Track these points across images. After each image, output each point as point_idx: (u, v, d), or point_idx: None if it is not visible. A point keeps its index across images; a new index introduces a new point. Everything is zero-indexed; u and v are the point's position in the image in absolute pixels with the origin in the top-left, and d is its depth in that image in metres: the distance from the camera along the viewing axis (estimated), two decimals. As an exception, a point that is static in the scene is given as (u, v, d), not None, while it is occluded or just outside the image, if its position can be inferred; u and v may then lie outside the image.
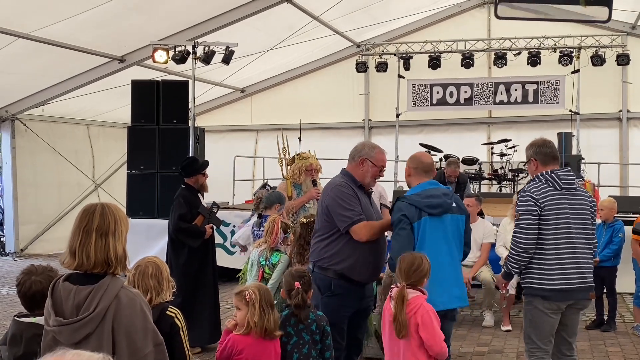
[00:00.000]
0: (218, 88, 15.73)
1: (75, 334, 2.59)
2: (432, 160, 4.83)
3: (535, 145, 4.70)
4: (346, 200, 4.61)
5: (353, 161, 4.84)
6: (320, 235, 4.77)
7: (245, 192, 14.28)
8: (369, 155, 4.79)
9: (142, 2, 10.11)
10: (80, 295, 2.63)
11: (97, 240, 2.67)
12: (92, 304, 2.61)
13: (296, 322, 4.16)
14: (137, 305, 2.69)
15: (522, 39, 14.26)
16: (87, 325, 2.60)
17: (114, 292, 2.64)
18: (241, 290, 3.97)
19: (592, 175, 12.47)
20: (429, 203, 4.41)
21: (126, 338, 2.63)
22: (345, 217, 4.58)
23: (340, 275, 4.60)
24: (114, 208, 2.77)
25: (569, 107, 13.50)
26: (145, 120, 10.09)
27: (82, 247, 2.67)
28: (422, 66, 14.60)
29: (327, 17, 12.89)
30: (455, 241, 4.52)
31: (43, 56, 10.96)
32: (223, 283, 9.96)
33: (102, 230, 2.69)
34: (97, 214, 2.71)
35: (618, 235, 7.45)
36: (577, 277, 4.44)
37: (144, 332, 2.67)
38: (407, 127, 15.41)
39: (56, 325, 2.62)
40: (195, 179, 6.91)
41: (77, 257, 2.67)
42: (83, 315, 2.60)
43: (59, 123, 14.32)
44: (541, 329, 4.51)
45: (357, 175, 4.79)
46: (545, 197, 4.46)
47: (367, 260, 4.66)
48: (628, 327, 7.84)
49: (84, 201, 15.01)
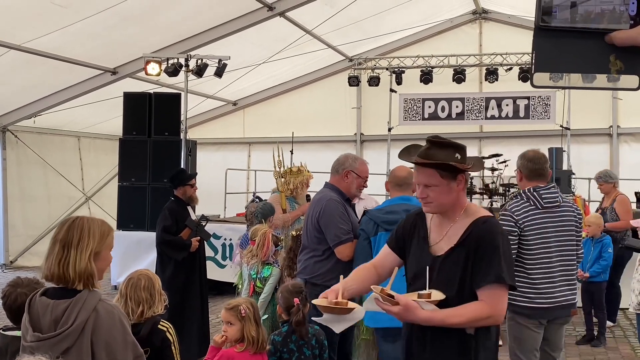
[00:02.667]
0: (210, 101, 15.74)
1: (54, 348, 2.55)
2: (407, 173, 4.72)
3: (525, 158, 4.69)
4: (338, 217, 4.59)
5: (337, 174, 4.83)
6: (311, 252, 4.70)
7: (238, 205, 14.26)
8: (353, 167, 4.79)
9: (134, 15, 10.12)
10: (57, 310, 2.60)
11: (59, 252, 2.63)
12: (70, 318, 2.57)
13: (297, 338, 4.12)
14: (116, 318, 2.66)
15: (513, 55, 14.34)
16: (66, 339, 2.56)
17: (92, 306, 2.61)
18: (235, 305, 3.94)
19: (582, 191, 12.51)
20: (386, 219, 4.41)
21: (106, 351, 2.60)
22: (335, 236, 4.57)
23: None
24: (86, 221, 2.71)
25: (559, 122, 13.55)
26: (137, 133, 10.09)
27: (49, 257, 2.65)
28: (414, 81, 14.66)
29: (320, 31, 12.95)
30: None
31: (35, 68, 10.94)
32: (214, 296, 9.93)
33: (65, 241, 2.64)
34: (66, 226, 2.68)
35: (607, 251, 7.44)
36: (557, 296, 4.42)
37: (124, 345, 2.65)
38: (399, 141, 15.39)
39: (34, 341, 2.58)
40: (183, 191, 6.88)
41: (44, 268, 2.66)
42: (61, 329, 2.57)
43: (50, 135, 14.28)
44: (524, 343, 4.50)
45: (343, 188, 4.77)
46: (526, 217, 4.43)
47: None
48: (618, 342, 7.85)
49: (74, 213, 14.96)
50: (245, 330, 3.87)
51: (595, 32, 1.66)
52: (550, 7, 1.66)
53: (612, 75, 1.71)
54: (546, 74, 1.75)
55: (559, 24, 1.66)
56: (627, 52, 1.66)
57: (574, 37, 1.67)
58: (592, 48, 1.69)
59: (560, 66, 1.72)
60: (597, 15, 1.65)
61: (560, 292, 4.44)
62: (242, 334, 3.88)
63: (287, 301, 4.15)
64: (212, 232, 10.10)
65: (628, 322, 8.70)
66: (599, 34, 1.66)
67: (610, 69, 1.71)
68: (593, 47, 1.69)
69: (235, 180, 15.38)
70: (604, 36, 1.65)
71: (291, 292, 4.18)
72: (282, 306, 4.20)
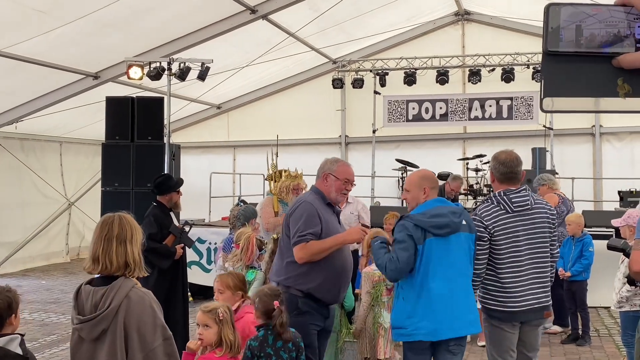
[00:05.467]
0: (194, 104, 15.67)
1: (93, 329, 2.93)
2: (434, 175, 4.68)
3: (496, 160, 4.59)
4: (303, 218, 4.50)
5: (318, 178, 4.79)
6: (283, 254, 4.64)
7: (224, 209, 14.21)
8: (331, 169, 4.72)
9: (116, 19, 10.05)
10: (97, 296, 2.96)
11: (118, 247, 3.01)
12: (106, 302, 2.93)
13: (274, 342, 4.09)
14: (147, 303, 2.99)
15: (495, 56, 14.43)
16: (102, 321, 2.92)
17: (125, 292, 2.96)
18: (213, 308, 3.91)
19: (566, 190, 12.59)
20: (434, 223, 4.18)
21: (137, 332, 2.93)
22: (295, 234, 4.48)
23: (306, 294, 4.52)
24: (129, 218, 3.12)
25: (542, 122, 13.65)
26: (119, 137, 10.00)
27: (104, 253, 3.00)
28: (397, 82, 14.70)
29: (303, 34, 12.94)
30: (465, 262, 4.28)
31: (16, 73, 10.84)
32: (199, 301, 9.88)
33: (121, 238, 3.02)
34: (115, 224, 3.05)
35: (588, 250, 7.47)
36: (529, 299, 4.41)
37: (154, 327, 2.96)
38: (384, 142, 15.47)
39: (78, 323, 2.97)
40: (168, 197, 6.77)
41: (100, 263, 2.99)
42: (98, 312, 2.93)
43: (32, 140, 14.16)
44: (500, 344, 4.51)
45: (324, 191, 4.71)
46: (496, 221, 4.40)
47: (333, 281, 4.57)
48: (603, 340, 7.90)
49: (57, 219, 14.86)
50: (223, 334, 3.84)
51: (601, 55, 1.68)
52: (558, 32, 1.68)
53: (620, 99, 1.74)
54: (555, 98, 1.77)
55: (566, 49, 1.68)
56: (635, 75, 1.68)
57: (581, 62, 1.70)
58: (600, 72, 1.71)
59: (569, 91, 1.74)
60: (602, 38, 1.67)
61: (533, 295, 4.42)
62: (219, 337, 3.84)
63: (267, 305, 4.09)
64: (197, 237, 10.10)
65: (612, 320, 8.76)
66: (606, 58, 1.68)
67: (618, 92, 1.73)
68: (600, 71, 1.71)
69: (221, 184, 15.34)
70: (610, 60, 1.67)
71: (270, 295, 4.14)
72: (261, 310, 4.12)
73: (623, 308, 5.94)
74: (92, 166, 14.95)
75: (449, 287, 4.17)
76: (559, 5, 1.69)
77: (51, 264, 14.74)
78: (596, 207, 14.10)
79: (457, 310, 4.21)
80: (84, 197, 15.34)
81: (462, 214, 4.28)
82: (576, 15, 1.66)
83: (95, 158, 14.15)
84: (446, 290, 4.16)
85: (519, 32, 14.90)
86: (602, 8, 1.67)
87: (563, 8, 1.67)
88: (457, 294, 4.21)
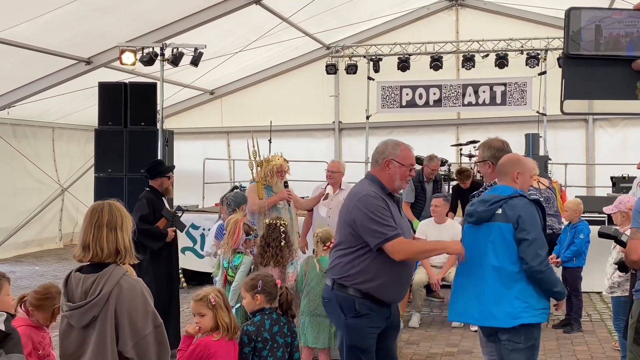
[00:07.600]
0: (187, 90, 15.61)
1: (83, 317, 2.93)
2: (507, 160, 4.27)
3: (493, 148, 4.50)
4: (378, 213, 4.05)
5: (377, 165, 4.26)
6: (342, 250, 4.20)
7: (218, 194, 14.18)
8: (394, 154, 4.22)
9: (108, 4, 9.98)
10: (87, 283, 2.96)
11: (108, 234, 3.00)
12: (97, 289, 2.93)
13: (270, 327, 4.14)
14: (138, 290, 2.99)
15: (489, 41, 14.39)
16: (93, 308, 2.92)
17: (116, 279, 2.95)
18: (204, 296, 3.95)
19: (559, 176, 12.63)
20: (469, 210, 4.11)
21: (128, 320, 2.93)
22: (378, 233, 4.01)
23: (365, 294, 4.10)
24: (119, 206, 3.11)
25: (536, 108, 13.66)
26: (112, 123, 9.94)
27: (95, 240, 2.99)
28: (391, 68, 14.66)
29: (297, 19, 12.88)
30: (488, 253, 4.01)
31: (7, 58, 10.76)
32: (193, 286, 9.91)
33: (111, 225, 3.01)
34: (105, 211, 3.04)
35: (579, 237, 7.45)
36: None
37: (145, 315, 2.96)
38: (377, 128, 15.45)
39: (68, 310, 2.97)
40: (160, 182, 6.84)
41: (91, 250, 2.98)
42: (89, 299, 2.92)
43: (24, 126, 14.10)
44: None
45: (384, 180, 4.21)
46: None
47: (396, 281, 4.19)
48: (595, 325, 7.95)
49: (50, 205, 14.83)
50: (218, 318, 3.91)
51: (621, 59, 1.70)
52: (579, 35, 1.70)
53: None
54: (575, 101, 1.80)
55: (586, 52, 1.70)
56: None
57: (601, 65, 1.72)
58: (619, 75, 1.74)
59: (589, 93, 1.76)
60: (622, 39, 1.70)
61: None
62: (215, 322, 3.91)
63: (272, 286, 4.24)
64: (191, 222, 10.10)
65: (604, 305, 8.82)
66: (625, 61, 1.70)
67: (637, 95, 1.76)
68: (620, 73, 1.74)
69: (216, 170, 15.32)
70: (630, 63, 1.70)
71: (270, 276, 4.34)
72: (267, 291, 4.21)
73: (615, 293, 5.99)
74: (85, 152, 14.89)
75: (467, 275, 4.13)
76: (580, 9, 1.71)
77: (44, 250, 14.73)
78: (589, 193, 14.16)
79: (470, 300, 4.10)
80: (77, 183, 15.31)
81: (496, 203, 4.01)
82: (596, 17, 1.68)
83: (88, 144, 14.10)
84: (463, 279, 4.17)
85: (513, 18, 14.88)
86: (623, 12, 1.69)
87: (584, 12, 1.69)
88: (473, 284, 4.08)
